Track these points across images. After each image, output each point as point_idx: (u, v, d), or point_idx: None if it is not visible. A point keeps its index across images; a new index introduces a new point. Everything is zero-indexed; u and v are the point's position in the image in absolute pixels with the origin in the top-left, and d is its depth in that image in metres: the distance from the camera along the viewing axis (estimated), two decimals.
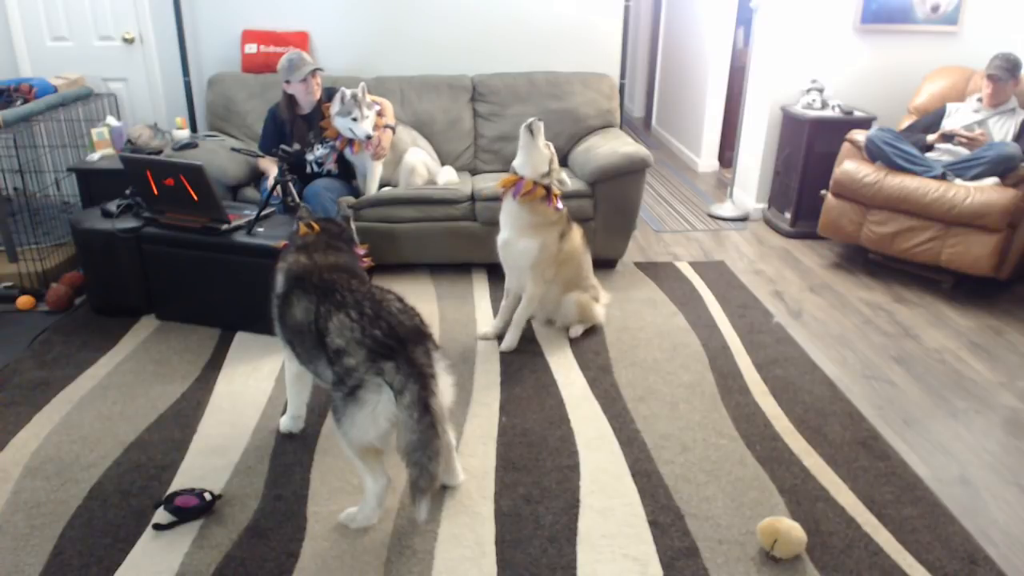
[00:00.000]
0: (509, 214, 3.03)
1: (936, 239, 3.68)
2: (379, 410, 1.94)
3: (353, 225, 2.54)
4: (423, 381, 1.92)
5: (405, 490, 2.26)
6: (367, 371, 1.94)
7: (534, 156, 2.96)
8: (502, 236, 3.08)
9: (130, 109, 4.49)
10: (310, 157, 3.72)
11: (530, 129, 2.93)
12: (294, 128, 3.67)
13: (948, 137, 3.87)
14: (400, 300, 2.11)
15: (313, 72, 3.57)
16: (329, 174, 3.76)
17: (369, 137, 3.54)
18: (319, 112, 3.67)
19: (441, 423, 1.95)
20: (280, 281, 2.27)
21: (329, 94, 3.62)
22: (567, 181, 3.10)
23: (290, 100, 3.67)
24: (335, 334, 2.00)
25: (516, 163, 3.01)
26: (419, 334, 2.01)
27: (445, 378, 2.05)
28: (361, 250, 2.50)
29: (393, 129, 3.79)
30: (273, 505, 2.20)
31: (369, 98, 3.63)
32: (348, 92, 3.50)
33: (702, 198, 5.41)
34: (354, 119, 3.50)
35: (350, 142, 3.62)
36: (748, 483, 2.32)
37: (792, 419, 2.66)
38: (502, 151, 4.26)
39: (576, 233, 3.18)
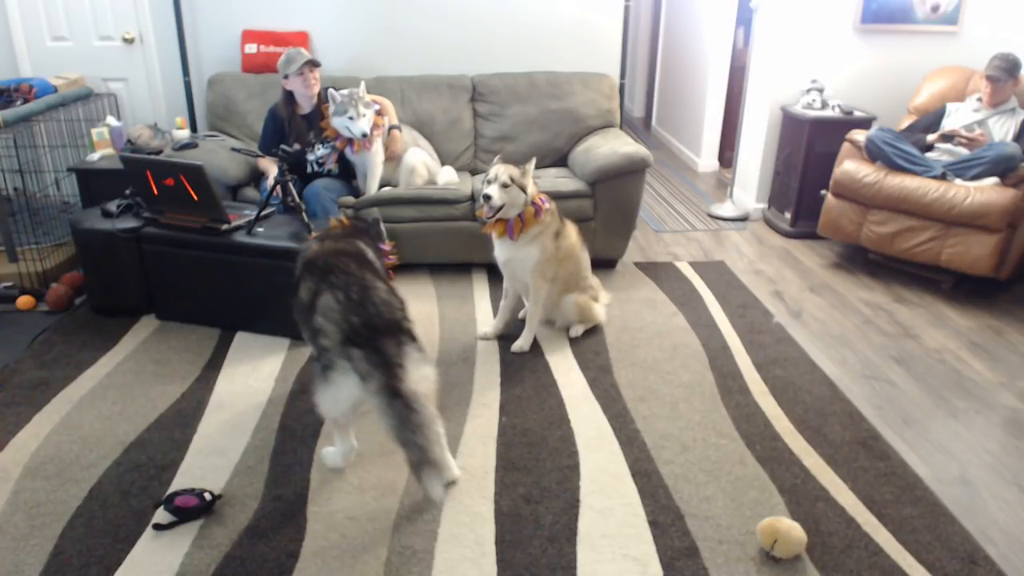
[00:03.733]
0: (505, 240, 3.02)
1: (936, 239, 3.68)
2: (343, 392, 2.10)
3: (383, 226, 2.60)
4: (389, 371, 2.03)
5: (404, 490, 2.27)
6: (338, 355, 2.08)
7: (516, 200, 2.92)
8: (501, 254, 3.08)
9: (130, 109, 4.49)
10: (311, 157, 3.72)
11: (509, 181, 2.87)
12: (293, 127, 3.67)
13: (948, 137, 3.87)
14: (391, 291, 2.23)
15: (310, 65, 3.55)
16: (329, 174, 3.76)
17: (365, 135, 3.52)
18: (319, 112, 3.67)
19: (416, 400, 2.03)
20: (297, 268, 2.32)
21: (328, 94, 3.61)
22: (530, 169, 3.00)
23: (289, 98, 3.66)
24: (319, 313, 2.13)
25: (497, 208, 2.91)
26: (394, 327, 2.12)
27: (419, 368, 2.12)
28: (387, 246, 2.56)
29: (399, 129, 3.79)
30: (273, 505, 2.20)
31: (368, 97, 3.63)
32: (341, 92, 3.48)
33: (702, 198, 5.41)
34: (350, 117, 3.49)
35: (350, 141, 3.61)
36: (748, 483, 2.32)
37: (792, 419, 2.66)
38: (502, 151, 4.25)
39: (571, 229, 3.17)
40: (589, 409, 2.71)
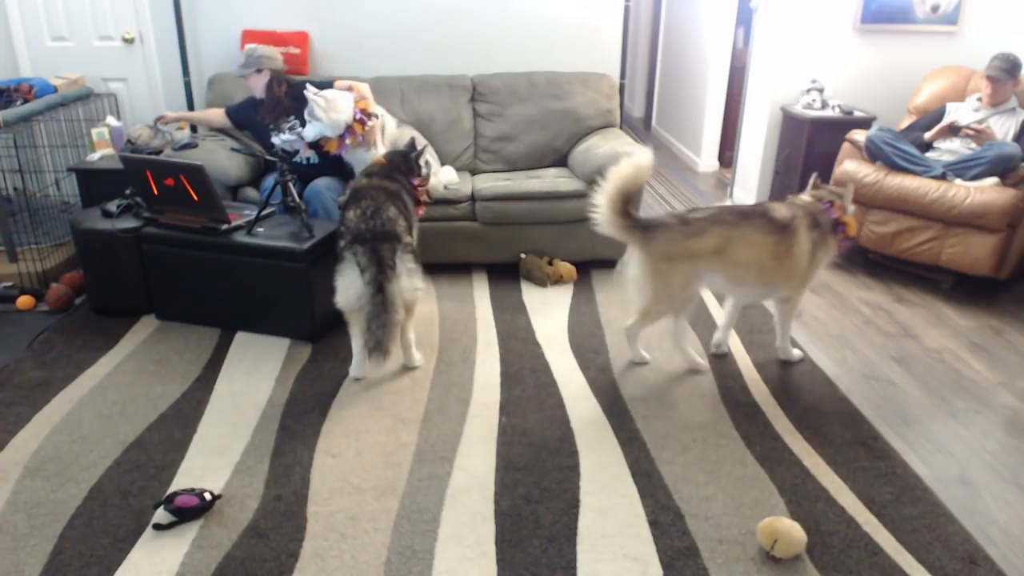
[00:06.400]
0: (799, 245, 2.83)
1: (936, 239, 3.68)
2: (348, 279, 2.69)
3: (424, 158, 3.14)
4: (381, 268, 2.61)
5: (404, 490, 2.27)
6: (346, 249, 2.70)
7: None
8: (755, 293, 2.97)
9: (130, 109, 4.49)
10: (275, 140, 3.61)
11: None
12: (263, 107, 3.76)
13: (955, 130, 3.85)
14: (401, 215, 2.77)
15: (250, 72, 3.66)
16: (308, 162, 3.71)
17: (302, 138, 3.49)
18: (276, 99, 3.72)
19: (393, 303, 2.61)
20: (347, 195, 2.89)
21: (321, 88, 3.57)
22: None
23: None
24: (346, 220, 2.75)
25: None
26: (391, 236, 2.69)
27: (412, 279, 2.74)
28: (417, 180, 3.07)
29: (376, 116, 3.67)
30: (273, 505, 2.20)
31: (341, 84, 3.55)
32: (318, 95, 3.37)
33: (702, 198, 5.41)
34: (289, 128, 3.54)
35: (341, 141, 3.52)
36: (748, 483, 2.32)
37: (792, 419, 2.66)
38: (502, 151, 4.26)
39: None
40: (589, 409, 2.71)
